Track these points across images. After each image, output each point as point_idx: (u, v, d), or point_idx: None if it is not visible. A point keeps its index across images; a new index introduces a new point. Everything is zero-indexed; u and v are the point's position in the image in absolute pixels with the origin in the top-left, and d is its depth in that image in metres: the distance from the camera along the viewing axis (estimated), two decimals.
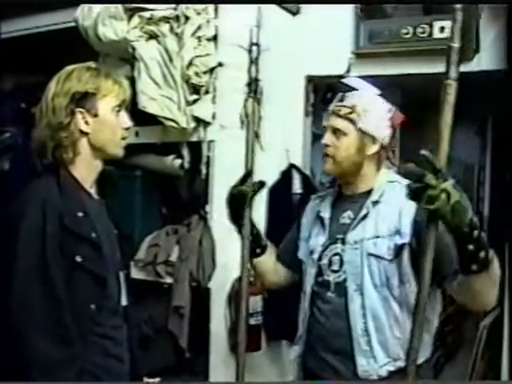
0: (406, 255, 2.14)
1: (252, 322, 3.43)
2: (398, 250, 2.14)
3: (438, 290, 2.21)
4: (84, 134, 1.99)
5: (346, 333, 2.20)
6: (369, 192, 2.28)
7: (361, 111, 2.23)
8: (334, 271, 2.26)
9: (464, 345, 5.47)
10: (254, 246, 2.47)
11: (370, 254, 2.18)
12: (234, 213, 2.43)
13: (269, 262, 2.56)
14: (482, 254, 1.84)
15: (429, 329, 2.22)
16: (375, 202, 2.24)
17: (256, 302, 3.45)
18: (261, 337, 3.53)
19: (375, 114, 2.25)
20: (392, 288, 2.15)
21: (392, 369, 2.16)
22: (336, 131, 2.26)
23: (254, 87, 2.47)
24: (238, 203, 2.39)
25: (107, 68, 2.54)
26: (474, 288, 1.97)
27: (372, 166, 2.29)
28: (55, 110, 1.95)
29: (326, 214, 2.37)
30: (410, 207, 2.07)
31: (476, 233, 1.80)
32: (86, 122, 1.98)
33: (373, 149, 2.26)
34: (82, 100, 1.97)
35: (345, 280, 2.22)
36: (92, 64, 2.07)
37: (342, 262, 2.24)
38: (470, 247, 1.82)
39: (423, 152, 1.75)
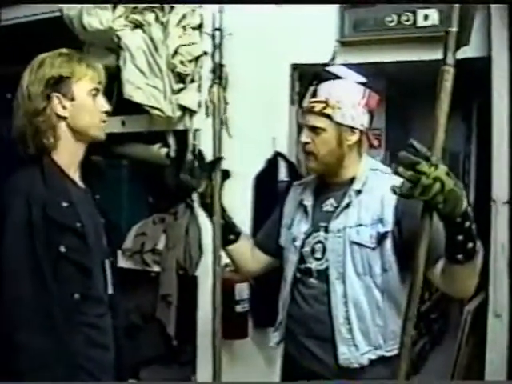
0: (388, 243, 2.16)
1: (238, 309, 3.45)
2: (381, 238, 2.16)
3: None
4: (62, 118, 2.00)
5: (327, 319, 2.21)
6: (351, 180, 2.29)
7: (334, 103, 2.22)
8: (317, 259, 2.28)
9: (450, 331, 5.51)
10: (226, 233, 2.47)
11: (353, 242, 2.19)
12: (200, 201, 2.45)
13: (244, 249, 2.56)
14: (470, 245, 1.85)
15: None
16: (358, 191, 2.25)
17: (242, 290, 3.47)
18: (247, 324, 3.55)
19: (349, 104, 2.23)
20: (374, 276, 2.17)
21: (373, 357, 2.18)
22: (314, 128, 2.25)
23: (218, 73, 2.44)
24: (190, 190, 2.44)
25: (91, 57, 2.54)
26: (456, 277, 1.99)
27: (354, 154, 2.30)
28: (31, 97, 1.97)
29: (308, 202, 2.37)
30: (392, 197, 2.05)
31: (467, 224, 1.81)
32: (63, 107, 1.99)
33: (353, 139, 2.26)
34: (57, 84, 1.98)
35: (327, 268, 2.23)
36: (64, 50, 2.08)
37: (324, 250, 2.26)
38: (460, 237, 1.83)
39: (411, 141, 1.75)
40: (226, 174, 2.42)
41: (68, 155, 2.02)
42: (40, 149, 1.97)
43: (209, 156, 2.45)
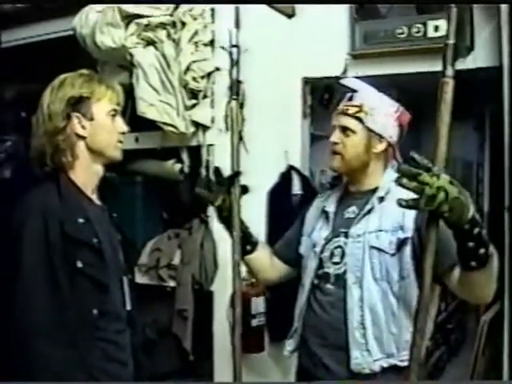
0: (407, 250, 2.18)
1: (254, 323, 3.45)
2: (401, 244, 2.18)
3: (435, 292, 2.23)
4: (81, 137, 2.02)
5: (342, 325, 2.22)
6: (374, 190, 2.32)
7: (368, 110, 2.29)
8: (335, 263, 2.30)
9: (467, 341, 5.48)
10: (243, 244, 2.49)
11: (372, 247, 2.22)
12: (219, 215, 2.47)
13: (262, 259, 2.59)
14: (482, 251, 1.85)
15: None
16: (381, 198, 2.29)
17: (258, 304, 3.47)
18: (263, 338, 3.55)
19: (382, 113, 2.31)
20: (392, 282, 2.18)
21: (385, 365, 2.18)
22: (344, 129, 2.32)
23: (235, 89, 2.45)
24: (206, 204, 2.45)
25: (106, 75, 2.56)
26: (472, 283, 2.00)
27: (379, 164, 2.35)
28: (51, 116, 1.99)
29: (330, 209, 2.41)
30: None
31: (476, 230, 1.81)
32: (83, 126, 2.02)
33: (380, 147, 2.32)
34: (77, 104, 2.01)
35: (345, 272, 2.25)
36: (84, 71, 2.11)
37: (343, 255, 2.28)
38: (470, 244, 1.83)
39: (411, 153, 1.76)
40: (244, 189, 2.44)
41: (85, 175, 2.04)
42: (58, 167, 1.99)
43: (225, 170, 2.46)
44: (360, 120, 2.30)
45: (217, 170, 2.43)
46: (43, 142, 2.00)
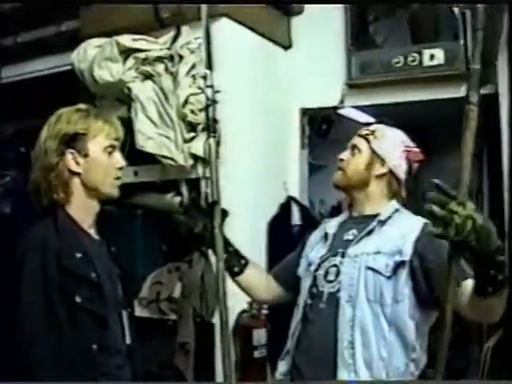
0: (404, 274, 2.15)
1: (256, 354, 3.44)
2: (397, 267, 2.16)
3: (428, 317, 2.22)
4: (75, 174, 2.02)
5: (331, 345, 2.18)
6: (376, 215, 2.33)
7: (378, 135, 2.37)
8: (329, 281, 2.28)
9: (470, 368, 5.42)
10: (232, 265, 2.50)
11: (368, 268, 2.20)
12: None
13: (252, 279, 2.57)
14: (500, 277, 1.82)
15: (414, 358, 2.20)
16: (381, 222, 2.29)
17: (260, 335, 3.46)
18: (266, 369, 3.53)
19: (390, 140, 2.36)
20: (384, 305, 2.15)
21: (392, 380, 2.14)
22: (353, 148, 2.40)
23: (212, 128, 2.49)
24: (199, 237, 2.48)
25: (104, 109, 2.56)
26: (486, 307, 1.97)
27: (380, 189, 2.37)
28: (47, 152, 1.99)
29: (331, 231, 2.42)
30: (414, 232, 2.15)
31: (501, 258, 1.78)
32: (77, 163, 2.01)
33: (380, 170, 2.35)
34: (72, 141, 2.00)
35: (338, 290, 2.23)
36: (82, 106, 2.11)
37: (338, 273, 2.27)
38: (492, 272, 1.80)
39: (435, 181, 1.71)
40: (224, 213, 2.45)
41: (81, 210, 2.04)
42: (52, 203, 2.00)
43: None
44: (367, 140, 2.37)
45: (193, 199, 2.49)
46: (38, 178, 2.00)
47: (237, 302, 3.20)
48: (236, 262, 2.52)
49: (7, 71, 4.47)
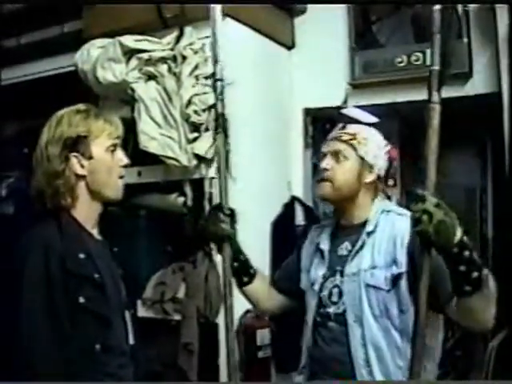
0: (403, 284, 2.15)
1: (260, 355, 3.44)
2: (395, 279, 2.16)
3: (439, 317, 2.21)
4: (80, 177, 2.00)
5: (347, 360, 2.19)
6: (364, 223, 2.30)
7: (361, 139, 2.29)
8: (334, 303, 2.28)
9: (475, 368, 5.42)
10: (241, 274, 2.49)
11: (368, 285, 2.19)
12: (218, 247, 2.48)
13: (258, 289, 2.56)
14: (475, 275, 1.84)
15: (433, 357, 2.23)
16: (370, 233, 2.26)
17: (264, 335, 3.46)
18: (270, 369, 3.53)
19: (374, 144, 2.31)
20: (392, 318, 2.16)
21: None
22: (336, 154, 2.30)
23: (221, 122, 2.47)
24: (220, 240, 2.43)
25: (107, 110, 2.55)
26: (468, 309, 1.96)
27: (368, 195, 2.33)
28: (49, 158, 1.97)
29: (325, 246, 2.39)
30: (405, 235, 2.12)
31: (467, 253, 1.81)
32: (82, 165, 1.99)
33: (370, 177, 2.31)
34: (75, 144, 1.98)
35: (344, 311, 2.23)
36: (81, 106, 2.08)
37: (341, 294, 2.26)
38: (462, 268, 1.83)
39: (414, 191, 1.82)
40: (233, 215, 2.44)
41: (85, 212, 2.03)
42: (58, 208, 1.98)
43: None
44: (353, 147, 2.28)
45: (218, 206, 2.44)
46: (42, 184, 1.98)
47: (240, 302, 3.20)
48: (245, 272, 2.51)
49: (10, 72, 4.48)
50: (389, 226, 2.24)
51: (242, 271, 2.49)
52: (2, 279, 1.93)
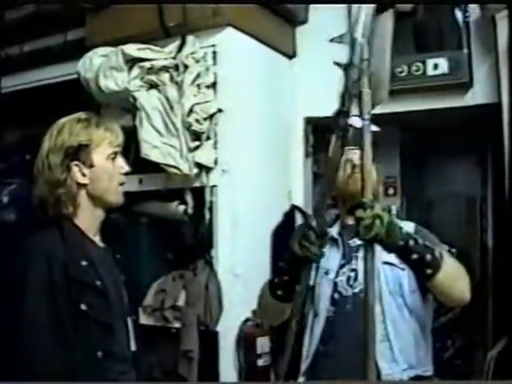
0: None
1: (260, 363, 3.44)
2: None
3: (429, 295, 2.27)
4: (82, 185, 2.00)
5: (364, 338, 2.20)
6: None
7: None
8: (351, 286, 2.32)
9: (475, 378, 5.41)
10: (281, 289, 2.40)
11: (385, 262, 2.25)
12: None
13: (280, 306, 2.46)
14: (429, 257, 1.99)
15: (426, 337, 2.27)
16: None
17: (264, 344, 3.46)
18: (269, 378, 3.53)
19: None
20: (404, 296, 2.25)
21: (411, 375, 2.21)
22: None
23: None
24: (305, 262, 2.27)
25: (108, 118, 2.56)
26: (440, 287, 2.10)
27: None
28: (51, 166, 1.97)
29: (338, 237, 2.45)
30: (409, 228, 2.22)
31: (411, 242, 1.97)
32: (83, 174, 1.99)
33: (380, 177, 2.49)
34: (76, 153, 1.98)
35: (361, 290, 2.24)
36: (82, 115, 2.08)
37: (357, 276, 2.31)
38: (414, 256, 1.98)
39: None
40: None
41: (87, 219, 2.03)
42: (60, 216, 1.98)
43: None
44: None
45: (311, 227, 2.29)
46: (44, 192, 1.98)
47: (241, 310, 3.21)
48: (287, 291, 2.39)
49: (13, 80, 4.49)
50: None
51: (285, 288, 2.38)
52: (5, 286, 1.94)
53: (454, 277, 2.08)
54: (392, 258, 2.22)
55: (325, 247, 2.25)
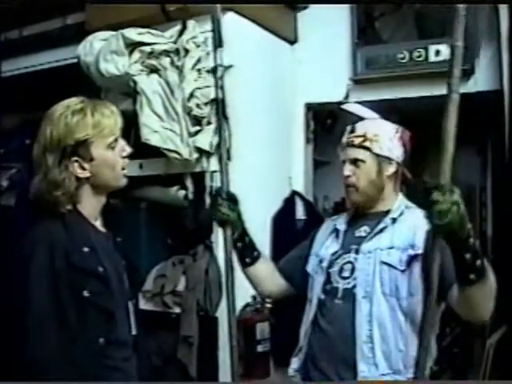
0: (417, 267, 2.19)
1: (260, 349, 3.44)
2: (411, 261, 2.20)
3: (440, 304, 2.24)
4: (83, 179, 1.96)
5: (349, 339, 2.22)
6: (387, 212, 2.36)
7: (372, 137, 2.33)
8: (344, 278, 2.31)
9: (473, 365, 5.42)
10: (244, 256, 2.54)
11: (383, 263, 2.24)
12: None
13: (261, 272, 2.60)
14: (479, 263, 1.89)
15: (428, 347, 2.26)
16: (393, 220, 2.32)
17: (263, 329, 3.46)
18: (269, 363, 3.54)
19: (385, 136, 2.35)
20: (400, 299, 2.20)
21: (391, 380, 2.17)
22: (355, 161, 2.35)
23: (221, 107, 2.58)
24: (223, 224, 2.50)
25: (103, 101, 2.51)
26: (470, 298, 2.00)
27: (391, 186, 2.39)
28: (48, 166, 1.91)
29: (341, 227, 2.45)
30: (425, 226, 2.10)
31: (472, 240, 1.85)
32: (83, 168, 1.95)
33: (390, 170, 2.37)
34: (75, 150, 1.92)
35: (354, 286, 2.27)
36: (77, 104, 1.98)
37: (353, 270, 2.30)
38: (468, 256, 1.86)
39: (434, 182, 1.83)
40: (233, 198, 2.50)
41: (89, 206, 2.01)
42: (58, 212, 1.94)
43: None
44: (367, 148, 2.33)
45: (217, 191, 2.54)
46: (42, 192, 1.93)
47: (240, 295, 3.20)
48: (249, 253, 2.55)
49: (13, 64, 4.48)
50: (411, 218, 2.29)
51: (246, 252, 2.54)
52: (7, 272, 1.93)
53: (487, 293, 1.98)
54: (392, 259, 2.23)
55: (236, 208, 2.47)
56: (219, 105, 2.59)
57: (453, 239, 1.84)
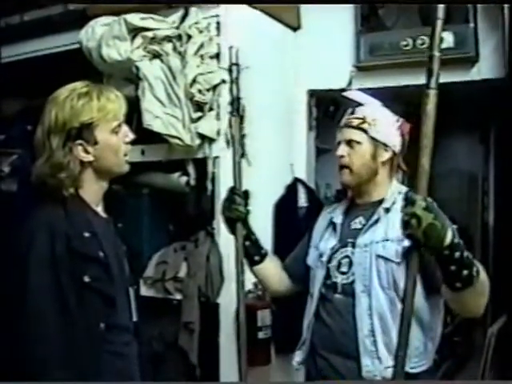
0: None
1: (261, 335, 3.44)
2: (406, 252, 2.17)
3: (440, 298, 2.23)
4: (86, 163, 1.96)
5: (351, 333, 2.24)
6: (381, 201, 2.36)
7: (371, 121, 2.34)
8: (343, 273, 2.32)
9: (474, 354, 5.44)
10: (252, 254, 2.59)
11: (379, 256, 2.24)
12: (231, 228, 2.60)
13: (269, 270, 2.65)
14: (465, 273, 1.88)
15: (432, 337, 2.26)
16: (387, 209, 2.32)
17: (265, 316, 3.46)
18: (270, 350, 3.54)
19: (384, 123, 2.36)
20: (399, 291, 2.19)
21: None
22: (350, 142, 2.36)
23: (236, 106, 2.62)
24: (234, 222, 2.55)
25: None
26: (459, 301, 2.04)
27: (385, 174, 2.39)
28: (52, 148, 1.91)
29: (338, 220, 2.44)
30: None
31: (457, 254, 1.85)
32: (87, 151, 1.95)
33: (385, 156, 2.37)
34: (79, 133, 1.93)
35: (353, 281, 2.28)
36: (82, 88, 1.98)
37: (350, 264, 2.31)
38: (452, 268, 1.87)
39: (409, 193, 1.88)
40: (247, 196, 2.57)
41: (91, 192, 2.01)
42: (60, 196, 1.94)
43: (229, 183, 2.52)
44: (364, 131, 2.34)
45: (232, 189, 2.61)
46: (45, 174, 1.93)
47: None
48: (257, 251, 2.60)
49: (14, 49, 4.45)
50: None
51: (253, 251, 2.59)
52: (8, 257, 1.93)
53: (478, 294, 2.00)
54: (388, 252, 2.23)
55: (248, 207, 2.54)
56: (234, 103, 2.65)
57: (433, 253, 1.87)
